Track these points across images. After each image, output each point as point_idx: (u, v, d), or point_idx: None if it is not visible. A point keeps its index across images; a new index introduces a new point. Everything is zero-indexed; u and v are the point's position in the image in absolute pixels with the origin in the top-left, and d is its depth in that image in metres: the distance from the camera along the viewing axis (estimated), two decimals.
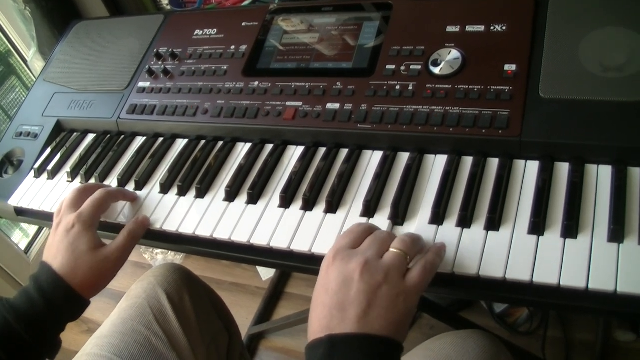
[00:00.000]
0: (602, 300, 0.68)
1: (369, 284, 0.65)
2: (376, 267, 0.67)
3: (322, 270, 0.71)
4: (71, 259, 0.88)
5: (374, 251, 0.69)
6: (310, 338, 0.67)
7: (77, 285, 0.87)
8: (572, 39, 0.88)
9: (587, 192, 0.77)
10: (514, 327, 1.65)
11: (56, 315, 0.87)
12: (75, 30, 1.38)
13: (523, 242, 0.74)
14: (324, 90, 0.99)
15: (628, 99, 0.80)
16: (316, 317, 0.67)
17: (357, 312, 0.64)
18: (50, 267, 0.88)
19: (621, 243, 0.70)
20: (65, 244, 0.89)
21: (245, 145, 1.03)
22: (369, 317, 0.64)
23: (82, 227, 0.90)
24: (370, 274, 0.66)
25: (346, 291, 0.66)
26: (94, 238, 0.91)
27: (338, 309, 0.65)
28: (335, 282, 0.67)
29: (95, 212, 0.92)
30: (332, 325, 0.65)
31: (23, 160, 1.20)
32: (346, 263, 0.68)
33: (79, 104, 1.22)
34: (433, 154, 0.89)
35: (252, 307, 1.99)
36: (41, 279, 0.87)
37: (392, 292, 0.65)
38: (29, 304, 0.85)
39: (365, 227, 0.74)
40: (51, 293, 0.86)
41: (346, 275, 0.67)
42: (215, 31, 1.18)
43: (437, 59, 0.94)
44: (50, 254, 0.90)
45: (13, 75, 2.24)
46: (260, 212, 0.90)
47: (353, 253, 0.69)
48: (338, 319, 0.65)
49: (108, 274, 0.92)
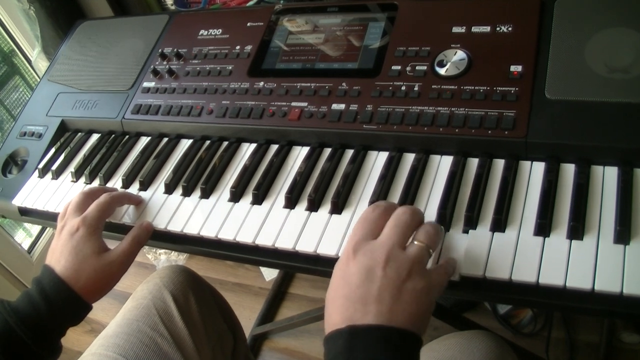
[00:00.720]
0: (608, 301, 0.67)
1: (392, 279, 0.65)
2: (400, 261, 0.66)
3: (341, 262, 0.69)
4: (75, 263, 0.87)
5: (396, 241, 0.67)
6: (329, 329, 0.66)
7: (80, 289, 0.87)
8: (578, 40, 0.87)
9: (593, 194, 0.77)
10: (517, 328, 1.65)
11: (58, 320, 0.86)
12: (80, 30, 1.38)
13: (529, 244, 0.74)
14: (329, 91, 0.99)
15: (634, 100, 0.79)
16: (336, 309, 0.66)
17: (380, 306, 0.64)
18: (53, 270, 0.87)
19: (627, 244, 0.70)
20: (69, 248, 0.88)
21: (250, 145, 1.03)
22: (392, 311, 0.63)
23: (87, 231, 0.89)
24: (393, 268, 0.65)
25: (369, 285, 0.65)
26: (98, 242, 0.90)
27: (361, 303, 0.64)
28: (357, 276, 0.66)
29: (100, 216, 0.92)
30: (354, 318, 0.64)
31: (27, 160, 1.20)
32: (368, 258, 0.67)
33: (83, 104, 1.22)
34: (439, 154, 0.89)
35: (255, 307, 1.99)
36: (44, 282, 0.87)
37: (416, 287, 0.65)
38: (31, 307, 0.84)
39: (381, 211, 0.72)
40: (53, 297, 0.85)
41: (368, 270, 0.66)
42: (221, 31, 1.18)
43: (443, 60, 0.93)
44: (54, 257, 0.89)
45: (17, 74, 2.24)
46: (266, 212, 0.90)
47: (375, 245, 0.68)
48: (361, 312, 0.64)
49: (112, 279, 0.91)
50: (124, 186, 1.04)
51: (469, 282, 0.74)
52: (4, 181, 1.19)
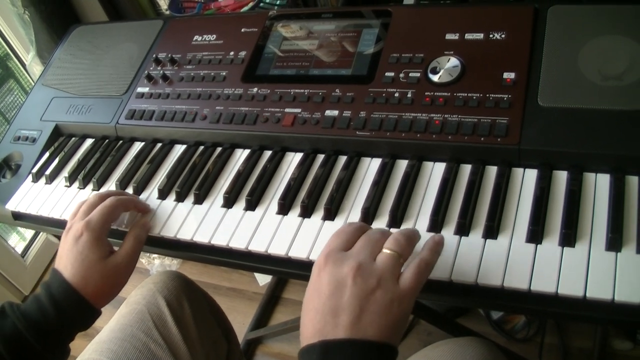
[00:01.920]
0: (600, 308, 0.68)
1: (362, 289, 0.64)
2: (369, 271, 0.65)
3: (313, 273, 0.69)
4: (82, 269, 0.87)
5: (366, 253, 0.67)
6: (303, 343, 0.66)
7: (88, 294, 0.87)
8: (571, 47, 0.88)
9: (585, 201, 0.77)
10: (511, 333, 1.65)
11: (67, 325, 0.86)
12: (75, 34, 1.38)
13: (521, 251, 0.74)
14: (323, 97, 0.99)
15: (627, 108, 0.80)
16: (309, 322, 0.66)
17: (350, 317, 0.63)
18: (62, 275, 0.87)
19: (619, 252, 0.70)
20: (74, 253, 0.88)
21: (244, 151, 1.03)
22: (362, 323, 0.63)
23: (91, 236, 0.88)
24: (363, 278, 0.64)
25: (339, 296, 0.64)
26: (103, 247, 0.89)
27: (331, 315, 0.64)
28: (328, 287, 0.65)
29: (105, 220, 0.91)
30: (325, 331, 0.64)
31: (21, 164, 1.20)
32: (338, 267, 0.66)
33: (77, 109, 1.22)
34: (432, 161, 0.89)
35: (249, 312, 1.99)
36: (53, 287, 0.86)
37: (385, 297, 0.64)
38: (40, 313, 0.84)
39: (357, 227, 0.72)
40: (63, 302, 0.85)
41: (339, 280, 0.65)
42: (215, 37, 1.18)
43: (436, 67, 0.94)
44: (62, 262, 0.89)
45: (11, 78, 2.24)
46: (259, 218, 0.90)
47: (345, 256, 0.67)
48: (331, 325, 0.64)
49: (120, 282, 0.91)
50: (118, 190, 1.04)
51: (461, 289, 0.74)
52: None
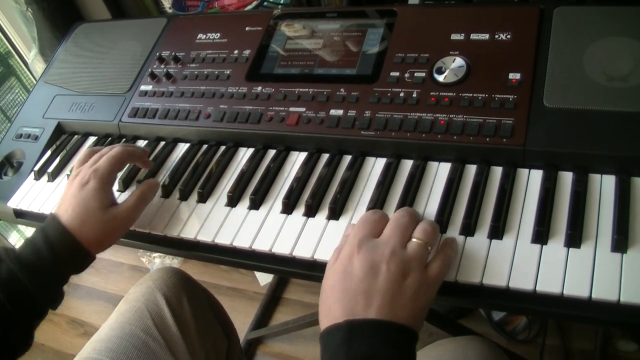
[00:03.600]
0: (605, 310, 0.67)
1: (395, 275, 0.67)
2: (402, 257, 0.68)
3: (343, 257, 0.71)
4: (81, 214, 0.87)
5: (397, 240, 0.70)
6: (327, 321, 0.67)
7: (83, 239, 0.87)
8: (576, 48, 0.88)
9: (590, 202, 0.77)
10: (512, 334, 1.65)
11: (61, 267, 0.86)
12: (77, 32, 1.38)
13: (526, 251, 0.74)
14: (327, 96, 0.98)
15: (632, 109, 0.80)
16: (336, 301, 0.68)
17: (382, 300, 0.65)
18: (60, 219, 0.87)
19: (624, 253, 0.70)
20: (77, 199, 0.89)
21: (247, 150, 1.03)
22: (393, 306, 0.65)
23: (97, 183, 0.89)
24: (396, 264, 0.67)
25: (372, 279, 0.67)
26: (107, 195, 0.90)
27: (364, 296, 0.66)
28: (361, 270, 0.68)
29: (112, 169, 0.92)
30: (355, 311, 0.66)
31: (23, 162, 1.20)
32: (372, 252, 0.69)
33: (80, 107, 1.22)
34: (436, 161, 0.89)
35: (249, 312, 1.99)
36: (48, 230, 0.87)
37: (416, 283, 0.67)
38: (35, 255, 0.84)
39: (380, 215, 0.75)
40: (57, 244, 0.85)
41: (373, 264, 0.68)
42: (219, 35, 1.18)
43: (442, 67, 0.94)
44: (62, 206, 0.89)
45: (12, 76, 2.24)
46: (263, 217, 0.90)
47: (378, 243, 0.70)
48: (362, 305, 0.66)
49: (115, 233, 0.91)
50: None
51: (466, 289, 0.74)
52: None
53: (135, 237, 0.98)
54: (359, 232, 0.73)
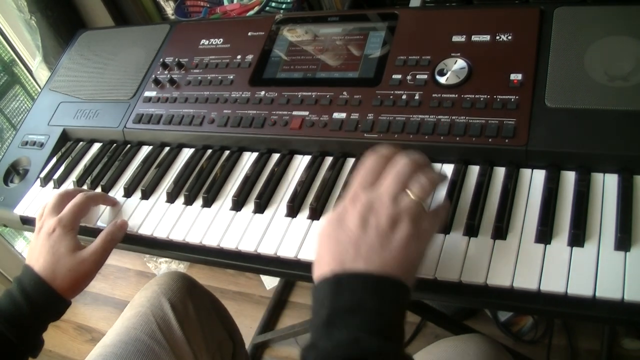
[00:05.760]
0: (610, 308, 0.68)
1: (384, 228, 0.67)
2: (394, 211, 0.68)
3: (339, 207, 0.71)
4: (52, 262, 0.91)
5: (392, 192, 0.69)
6: (319, 270, 0.68)
7: (57, 286, 0.90)
8: (577, 48, 0.88)
9: (593, 201, 0.77)
10: (518, 335, 1.65)
11: (38, 316, 0.89)
12: (81, 39, 1.39)
13: (530, 251, 0.74)
14: (330, 100, 0.99)
15: (634, 108, 0.80)
16: (327, 250, 0.68)
17: (370, 252, 0.66)
18: (32, 269, 0.91)
19: (628, 251, 0.70)
20: (46, 247, 0.92)
21: (251, 154, 1.03)
22: (382, 258, 0.65)
23: (62, 231, 0.93)
24: (387, 217, 0.67)
25: (362, 232, 0.67)
26: (73, 241, 0.93)
27: (353, 247, 0.66)
28: (353, 222, 0.68)
29: (75, 216, 0.96)
30: (345, 261, 0.66)
31: (29, 169, 1.21)
32: (365, 205, 0.69)
33: (85, 113, 1.23)
34: (440, 163, 0.89)
35: (256, 316, 1.99)
36: (24, 281, 0.90)
37: (406, 236, 0.67)
38: (13, 305, 0.88)
39: (382, 160, 0.74)
40: (33, 294, 0.89)
41: (364, 217, 0.68)
42: (222, 41, 1.19)
43: (443, 69, 0.94)
44: (33, 257, 0.93)
45: (17, 84, 2.25)
46: (268, 221, 0.91)
47: (372, 196, 0.70)
48: (352, 255, 0.66)
49: (86, 276, 0.94)
50: (126, 195, 1.05)
51: (471, 290, 0.74)
52: (5, 190, 1.19)
53: (140, 242, 0.99)
54: (358, 182, 0.72)
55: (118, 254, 0.90)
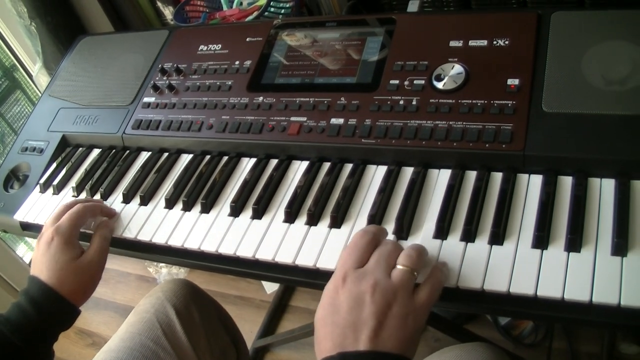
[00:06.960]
0: (606, 313, 0.68)
1: (380, 305, 0.67)
2: (386, 287, 0.68)
3: (328, 290, 0.71)
4: (56, 270, 0.91)
5: (382, 269, 0.70)
6: (320, 356, 0.68)
7: (65, 292, 0.91)
8: (574, 53, 0.88)
9: (590, 206, 0.77)
10: (519, 339, 1.65)
11: (49, 325, 0.90)
12: (81, 45, 1.39)
13: (527, 256, 0.74)
14: (328, 105, 0.99)
15: (631, 112, 0.80)
16: (327, 336, 0.68)
17: (369, 332, 0.65)
18: (39, 279, 0.91)
19: (624, 256, 0.70)
20: (47, 257, 0.92)
21: (250, 160, 1.03)
22: (380, 337, 0.65)
23: (61, 239, 0.93)
24: (381, 294, 0.67)
25: (358, 312, 0.67)
26: (73, 249, 0.94)
27: (351, 329, 0.66)
28: (347, 303, 0.68)
29: (73, 225, 0.96)
30: (345, 344, 0.66)
31: (29, 175, 1.21)
32: (357, 284, 0.69)
33: (84, 119, 1.23)
34: (437, 168, 0.89)
35: (256, 320, 1.99)
36: (32, 291, 0.90)
37: (402, 312, 0.67)
38: (23, 316, 0.88)
39: (369, 238, 0.74)
40: (43, 303, 0.89)
41: (358, 297, 0.68)
42: (220, 46, 1.19)
43: (441, 74, 0.94)
44: (37, 268, 0.93)
45: (18, 89, 2.25)
46: (265, 227, 0.91)
47: (362, 274, 0.70)
48: (351, 338, 0.66)
49: (93, 278, 0.95)
50: (125, 201, 1.05)
51: (468, 295, 0.74)
52: (5, 196, 1.19)
53: (139, 248, 0.99)
54: (344, 263, 0.72)
55: (119, 259, 0.89)
